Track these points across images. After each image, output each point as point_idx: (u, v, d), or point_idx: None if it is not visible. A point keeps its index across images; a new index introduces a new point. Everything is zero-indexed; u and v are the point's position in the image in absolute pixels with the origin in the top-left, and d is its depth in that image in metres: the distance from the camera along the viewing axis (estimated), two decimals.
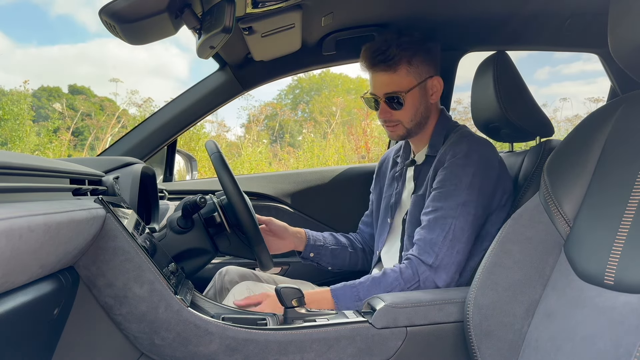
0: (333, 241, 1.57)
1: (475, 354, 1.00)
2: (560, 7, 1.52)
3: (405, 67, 1.31)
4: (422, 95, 1.35)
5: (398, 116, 1.35)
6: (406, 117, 1.35)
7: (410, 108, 1.34)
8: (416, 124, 1.36)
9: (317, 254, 1.54)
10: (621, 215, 0.88)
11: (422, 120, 1.37)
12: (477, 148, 1.27)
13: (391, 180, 1.53)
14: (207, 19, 0.98)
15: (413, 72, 1.32)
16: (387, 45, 1.30)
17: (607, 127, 1.00)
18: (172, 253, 1.27)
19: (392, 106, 1.34)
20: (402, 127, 1.37)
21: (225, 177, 1.23)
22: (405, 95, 1.32)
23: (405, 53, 1.30)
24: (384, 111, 1.36)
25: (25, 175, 0.70)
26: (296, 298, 1.10)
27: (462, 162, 1.24)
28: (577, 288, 0.91)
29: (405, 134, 1.39)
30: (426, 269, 1.18)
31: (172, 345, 0.97)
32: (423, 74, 1.34)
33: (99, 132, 8.09)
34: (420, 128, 1.38)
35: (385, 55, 1.30)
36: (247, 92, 1.84)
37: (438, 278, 1.18)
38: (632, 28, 0.88)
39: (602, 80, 11.63)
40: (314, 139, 7.31)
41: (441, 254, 1.18)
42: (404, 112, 1.34)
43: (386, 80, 1.33)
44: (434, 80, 1.36)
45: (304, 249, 1.53)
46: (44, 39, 45.44)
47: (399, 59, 1.30)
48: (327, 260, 1.55)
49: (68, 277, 0.85)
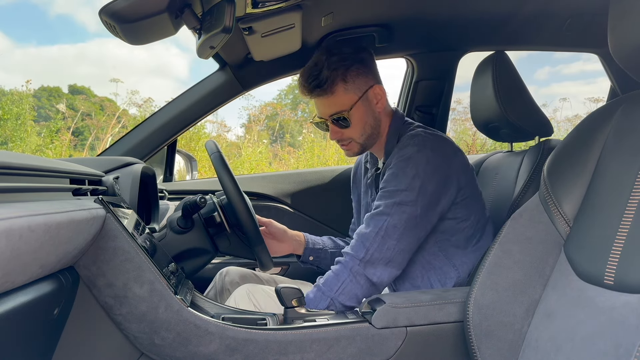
0: (332, 244, 1.57)
1: (475, 354, 1.00)
2: (560, 7, 1.52)
3: (341, 86, 1.29)
4: (366, 107, 1.32)
5: (348, 134, 1.34)
6: (356, 134, 1.34)
7: (358, 123, 1.32)
8: (368, 136, 1.35)
9: (316, 257, 1.54)
10: (621, 215, 0.88)
11: (374, 131, 1.35)
12: (422, 149, 1.24)
13: (366, 187, 1.53)
14: (207, 19, 0.98)
15: (351, 88, 1.30)
16: (319, 70, 1.28)
17: (607, 127, 1.00)
18: (172, 253, 1.27)
19: (340, 125, 1.33)
20: (355, 143, 1.36)
21: (225, 177, 1.23)
22: (349, 113, 1.30)
23: (338, 72, 1.28)
24: (334, 132, 1.35)
25: (25, 175, 0.70)
26: (296, 298, 1.10)
27: (404, 164, 1.23)
28: (577, 288, 0.91)
29: (361, 149, 1.37)
30: (356, 263, 1.19)
31: (172, 345, 0.97)
32: (362, 87, 1.31)
33: (99, 132, 8.09)
34: (374, 139, 1.37)
35: (319, 80, 1.28)
36: (247, 92, 1.84)
37: (369, 272, 1.19)
38: (632, 28, 0.88)
39: (602, 80, 11.62)
40: (314, 139, 7.30)
41: (372, 249, 1.19)
42: (353, 129, 1.33)
43: (326, 103, 1.31)
44: (374, 89, 1.33)
45: (303, 252, 1.53)
46: (43, 38, 45.44)
47: (332, 79, 1.28)
48: (327, 264, 1.55)
49: (68, 277, 0.85)
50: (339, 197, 1.95)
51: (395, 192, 1.21)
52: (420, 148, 1.24)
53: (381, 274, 1.20)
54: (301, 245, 1.53)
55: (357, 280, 1.19)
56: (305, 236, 1.54)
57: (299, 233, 1.54)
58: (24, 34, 44.10)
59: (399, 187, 1.21)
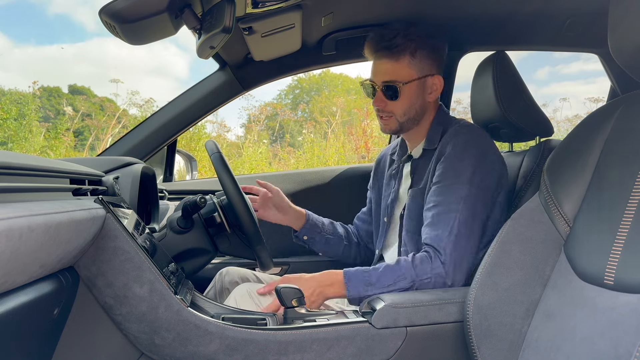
0: (331, 230, 1.56)
1: (475, 354, 1.00)
2: (560, 7, 1.52)
3: (407, 58, 1.29)
4: (419, 90, 1.33)
5: (392, 107, 1.32)
6: (400, 110, 1.32)
7: (406, 101, 1.32)
8: (409, 119, 1.34)
9: (311, 238, 1.53)
10: (621, 215, 0.88)
11: (416, 117, 1.35)
12: (477, 141, 1.26)
13: (389, 179, 1.52)
14: (207, 19, 0.98)
15: (415, 65, 1.30)
16: (394, 34, 1.29)
17: (607, 127, 0.99)
18: (172, 253, 1.27)
19: (388, 96, 1.32)
20: (394, 120, 1.34)
21: (225, 177, 1.23)
22: (402, 87, 1.30)
23: (410, 44, 1.29)
24: (379, 100, 1.33)
25: (25, 175, 0.70)
26: (296, 298, 1.10)
27: (461, 155, 1.23)
28: (577, 288, 0.91)
29: (398, 128, 1.36)
30: (439, 266, 1.16)
31: (172, 345, 0.97)
32: (424, 70, 1.32)
33: (99, 132, 8.09)
34: (413, 124, 1.36)
35: (390, 43, 1.29)
36: (247, 92, 1.84)
37: (448, 277, 1.15)
38: (632, 28, 0.88)
39: (602, 80, 11.63)
40: (314, 139, 7.30)
41: (448, 250, 1.16)
42: (399, 105, 1.32)
43: (387, 68, 1.31)
44: (434, 78, 1.34)
45: (300, 229, 1.52)
46: (42, 38, 45.41)
47: (402, 48, 1.29)
48: (319, 247, 1.55)
49: (68, 277, 0.85)
50: (339, 197, 1.95)
51: (457, 185, 1.20)
52: (476, 140, 1.26)
53: (462, 275, 1.17)
54: (301, 222, 1.52)
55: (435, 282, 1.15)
56: (307, 214, 1.53)
57: (303, 210, 1.53)
58: (22, 33, 44.08)
59: (461, 179, 1.20)
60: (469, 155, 1.23)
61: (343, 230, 1.60)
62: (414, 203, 1.33)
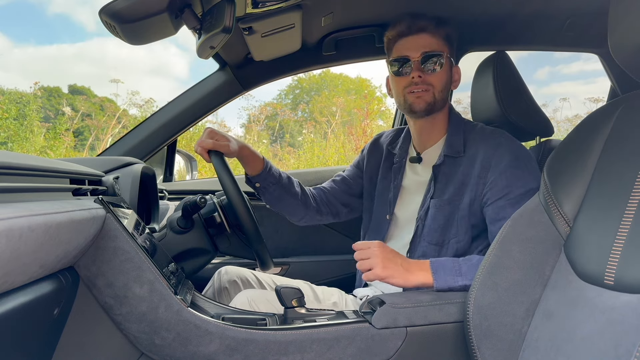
0: (286, 185, 1.45)
1: (475, 354, 1.00)
2: (560, 8, 1.52)
3: (443, 36, 1.32)
4: (450, 73, 1.35)
5: (432, 79, 1.30)
6: (439, 83, 1.30)
7: (444, 75, 1.32)
8: (443, 98, 1.32)
9: (263, 187, 1.42)
10: (621, 215, 0.88)
11: (444, 100, 1.34)
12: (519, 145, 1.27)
13: (386, 171, 1.48)
14: (207, 19, 0.98)
15: (448, 46, 1.32)
16: (430, 17, 1.32)
17: (607, 127, 0.99)
18: (172, 253, 1.27)
19: (428, 67, 1.30)
20: (431, 93, 1.30)
21: (225, 177, 1.23)
22: (444, 58, 1.29)
23: (445, 27, 1.32)
24: (418, 69, 1.29)
25: (25, 175, 0.70)
26: (296, 298, 1.10)
27: (516, 164, 1.22)
28: (577, 288, 0.91)
29: (431, 103, 1.30)
30: None
31: (172, 345, 0.97)
32: (453, 57, 1.36)
33: (99, 132, 8.09)
34: (441, 106, 1.33)
35: (428, 21, 1.31)
36: (247, 92, 1.84)
37: None
38: (632, 28, 0.88)
39: (602, 80, 11.63)
40: (314, 139, 7.30)
41: None
42: (438, 76, 1.30)
43: (427, 40, 1.30)
44: (456, 68, 1.38)
45: (254, 175, 1.40)
46: (41, 38, 45.40)
47: (441, 27, 1.31)
48: (268, 199, 1.44)
49: (68, 277, 0.85)
50: None
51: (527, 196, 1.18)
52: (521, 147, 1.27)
53: None
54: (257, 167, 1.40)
55: None
56: (265, 163, 1.41)
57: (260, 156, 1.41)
58: (21, 33, 44.06)
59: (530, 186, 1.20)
60: (523, 164, 1.23)
61: (299, 191, 1.49)
62: (440, 214, 1.29)
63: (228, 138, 1.30)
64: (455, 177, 1.29)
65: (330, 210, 1.56)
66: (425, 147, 1.40)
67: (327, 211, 1.56)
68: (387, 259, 1.13)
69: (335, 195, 1.57)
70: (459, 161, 1.30)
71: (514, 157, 1.23)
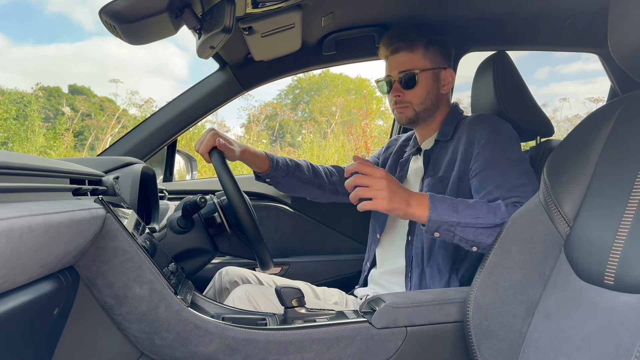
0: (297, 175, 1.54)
1: (475, 354, 1.00)
2: (560, 7, 1.52)
3: (422, 50, 1.37)
4: (434, 81, 1.39)
5: (409, 97, 1.38)
6: (417, 99, 1.38)
7: (422, 89, 1.37)
8: (425, 108, 1.39)
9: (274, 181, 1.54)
10: (621, 215, 0.88)
11: (432, 108, 1.40)
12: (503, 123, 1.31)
13: (394, 163, 1.56)
14: (207, 19, 0.98)
15: (429, 56, 1.38)
16: (407, 31, 1.37)
17: (607, 127, 0.99)
18: (172, 253, 1.27)
19: (405, 85, 1.37)
20: (411, 109, 1.39)
21: (225, 177, 1.23)
22: (418, 75, 1.36)
23: (423, 39, 1.37)
24: (396, 90, 1.39)
25: (25, 175, 0.70)
26: (296, 298, 1.10)
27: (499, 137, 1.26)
28: (577, 288, 0.91)
29: (414, 117, 1.40)
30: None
31: (172, 345, 0.97)
32: (437, 62, 1.39)
33: (99, 132, 8.09)
34: (428, 115, 1.41)
35: (405, 37, 1.37)
36: (247, 92, 1.84)
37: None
38: (632, 28, 0.88)
39: (602, 80, 11.62)
40: (313, 139, 7.31)
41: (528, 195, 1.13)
42: (415, 93, 1.37)
43: (403, 59, 1.37)
44: (447, 71, 1.41)
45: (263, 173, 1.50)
46: (40, 37, 45.37)
47: (417, 41, 1.36)
48: (282, 189, 1.57)
49: (68, 277, 0.85)
50: None
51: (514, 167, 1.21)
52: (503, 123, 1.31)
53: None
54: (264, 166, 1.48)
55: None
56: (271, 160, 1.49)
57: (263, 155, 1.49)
58: (20, 32, 44.03)
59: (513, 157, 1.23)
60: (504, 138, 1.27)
61: (311, 175, 1.57)
62: (434, 191, 1.33)
63: (231, 141, 1.38)
64: (445, 156, 1.37)
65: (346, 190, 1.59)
66: (425, 140, 1.49)
67: (344, 191, 1.61)
68: (393, 191, 1.08)
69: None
70: (448, 144, 1.38)
71: (495, 131, 1.28)
